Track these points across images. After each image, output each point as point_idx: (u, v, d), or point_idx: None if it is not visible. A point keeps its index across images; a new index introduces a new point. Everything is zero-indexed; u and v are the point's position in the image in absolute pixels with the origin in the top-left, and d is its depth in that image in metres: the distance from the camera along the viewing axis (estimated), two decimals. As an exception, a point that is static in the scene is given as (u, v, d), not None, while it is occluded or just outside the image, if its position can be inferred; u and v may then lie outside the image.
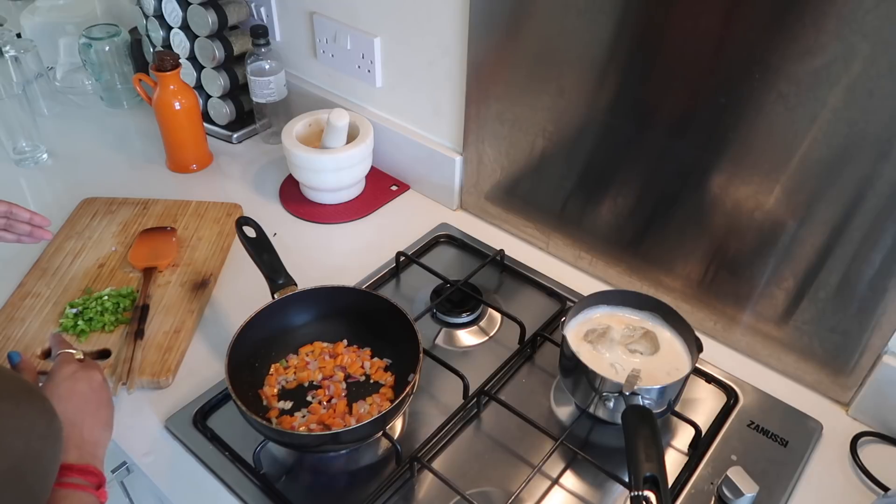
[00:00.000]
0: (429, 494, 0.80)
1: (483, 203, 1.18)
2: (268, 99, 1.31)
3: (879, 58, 0.70)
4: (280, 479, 0.81)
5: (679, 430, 0.87)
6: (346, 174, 1.19)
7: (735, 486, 0.76)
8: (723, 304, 0.95)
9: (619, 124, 0.93)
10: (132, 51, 1.45)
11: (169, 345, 0.94)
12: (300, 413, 0.84)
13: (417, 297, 1.04)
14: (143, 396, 0.89)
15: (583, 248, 1.07)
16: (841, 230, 0.80)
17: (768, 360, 0.95)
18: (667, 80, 0.86)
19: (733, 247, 0.90)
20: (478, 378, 0.90)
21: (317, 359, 0.90)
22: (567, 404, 0.90)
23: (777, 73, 0.76)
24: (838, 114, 0.75)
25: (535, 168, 1.07)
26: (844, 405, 0.91)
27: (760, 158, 0.83)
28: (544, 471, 0.82)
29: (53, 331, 0.95)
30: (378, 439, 0.84)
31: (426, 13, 1.07)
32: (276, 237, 1.11)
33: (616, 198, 0.99)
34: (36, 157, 1.33)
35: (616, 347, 0.86)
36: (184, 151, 1.30)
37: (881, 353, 0.84)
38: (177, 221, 1.16)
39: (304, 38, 1.30)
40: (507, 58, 1.00)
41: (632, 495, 0.69)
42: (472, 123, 1.11)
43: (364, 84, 1.24)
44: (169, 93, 1.23)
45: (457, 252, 1.14)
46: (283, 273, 0.92)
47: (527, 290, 1.07)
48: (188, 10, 1.28)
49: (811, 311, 0.87)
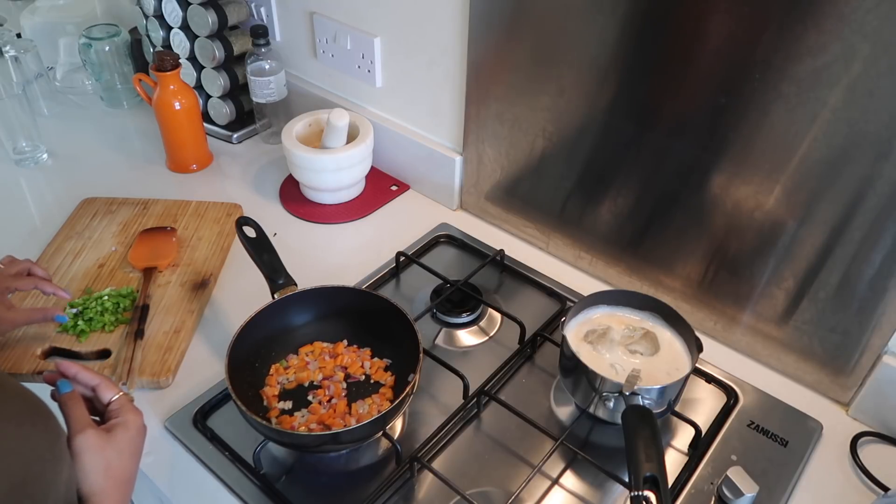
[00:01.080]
0: (429, 494, 0.80)
1: (483, 203, 1.18)
2: (268, 99, 1.31)
3: (879, 58, 0.70)
4: (280, 479, 0.81)
5: (679, 430, 0.87)
6: (346, 174, 1.19)
7: (735, 486, 0.76)
8: (723, 304, 0.95)
9: (619, 124, 0.93)
10: (132, 51, 1.45)
11: (169, 345, 0.94)
12: (300, 413, 0.84)
13: (417, 297, 1.04)
14: (143, 396, 0.89)
15: (583, 248, 1.07)
16: (841, 230, 0.80)
17: (768, 360, 0.95)
18: (667, 80, 0.86)
19: (733, 247, 0.90)
20: (478, 378, 0.90)
21: (317, 359, 0.90)
22: (567, 404, 0.90)
23: (777, 73, 0.76)
24: (838, 114, 0.75)
25: (535, 168, 1.07)
26: (844, 405, 0.91)
27: (760, 158, 0.83)
28: (544, 471, 0.82)
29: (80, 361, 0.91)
30: (378, 439, 0.84)
31: (426, 13, 1.07)
32: (276, 237, 1.11)
33: (616, 198, 0.99)
34: (36, 157, 1.33)
35: (616, 348, 0.86)
36: (184, 151, 1.30)
37: (881, 353, 0.84)
38: (177, 221, 1.16)
39: (304, 38, 1.30)
40: (507, 58, 1.00)
41: (632, 495, 0.69)
42: (471, 123, 1.11)
43: (364, 84, 1.24)
44: (169, 93, 1.23)
45: (457, 252, 1.14)
46: (283, 273, 0.92)
47: (527, 290, 1.07)
48: (188, 10, 1.28)
49: (811, 311, 0.87)
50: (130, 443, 0.68)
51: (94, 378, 0.72)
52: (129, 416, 0.70)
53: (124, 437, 0.67)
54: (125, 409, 0.70)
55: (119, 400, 0.71)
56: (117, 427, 0.68)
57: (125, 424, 0.68)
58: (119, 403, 0.71)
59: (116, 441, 0.66)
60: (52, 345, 0.93)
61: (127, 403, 0.71)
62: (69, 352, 0.93)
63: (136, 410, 0.71)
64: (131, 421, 0.69)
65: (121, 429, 0.68)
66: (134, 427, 0.69)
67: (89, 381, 0.72)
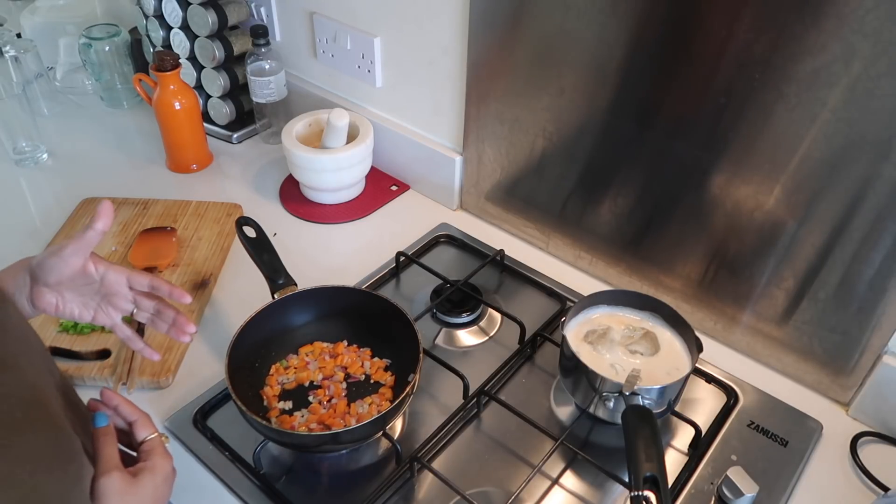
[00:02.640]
0: (429, 494, 0.80)
1: (483, 203, 1.18)
2: (268, 99, 1.31)
3: (879, 58, 0.70)
4: (280, 479, 0.81)
5: (679, 430, 0.87)
6: (346, 174, 1.19)
7: (735, 486, 0.76)
8: (723, 304, 0.95)
9: (619, 124, 0.93)
10: (132, 51, 1.45)
11: (169, 345, 0.94)
12: (300, 413, 0.84)
13: (417, 297, 1.04)
14: (143, 396, 0.89)
15: (583, 248, 1.07)
16: (841, 230, 0.80)
17: (768, 360, 0.95)
18: (667, 80, 0.86)
19: (733, 247, 0.90)
20: (478, 378, 0.90)
21: (317, 359, 0.90)
22: (567, 404, 0.90)
23: (777, 73, 0.76)
24: (838, 114, 0.75)
25: (535, 168, 1.07)
26: (844, 405, 0.91)
27: (760, 158, 0.83)
28: (544, 471, 0.82)
29: (105, 384, 0.90)
30: (378, 439, 0.84)
31: (426, 13, 1.07)
32: (276, 237, 1.11)
33: (616, 198, 0.99)
34: (36, 157, 1.33)
35: (616, 348, 0.86)
36: (184, 151, 1.30)
37: (881, 353, 0.84)
38: (177, 221, 1.16)
39: (304, 38, 1.30)
40: (507, 58, 1.00)
41: (632, 495, 0.69)
42: (472, 123, 1.11)
43: (364, 84, 1.24)
44: (169, 93, 1.23)
45: (457, 252, 1.14)
46: (283, 273, 0.92)
47: (527, 290, 1.07)
48: (188, 10, 1.28)
49: (811, 311, 0.87)
50: (155, 490, 0.66)
51: (133, 413, 0.70)
52: (158, 460, 0.68)
53: (150, 484, 0.65)
54: (156, 452, 0.68)
55: (152, 441, 0.69)
56: (144, 472, 0.66)
57: (153, 470, 0.66)
58: (151, 445, 0.69)
59: (141, 487, 0.64)
60: (53, 345, 0.93)
61: (159, 446, 0.69)
62: (69, 351, 0.93)
63: (166, 455, 0.69)
64: (159, 466, 0.67)
65: (147, 475, 0.66)
66: (161, 474, 0.67)
67: (128, 416, 0.70)
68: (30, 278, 0.73)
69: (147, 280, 0.80)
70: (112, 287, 0.78)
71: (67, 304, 0.76)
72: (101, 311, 0.78)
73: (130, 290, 0.79)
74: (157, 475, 0.66)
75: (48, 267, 0.72)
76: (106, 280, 0.77)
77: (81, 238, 0.71)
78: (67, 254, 0.72)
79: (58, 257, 0.71)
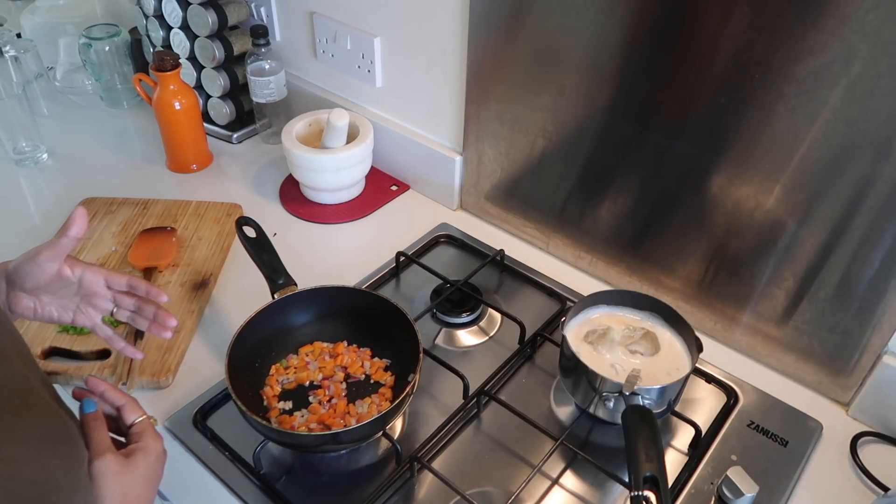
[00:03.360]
0: (429, 494, 0.80)
1: (483, 203, 1.18)
2: (268, 99, 1.31)
3: (879, 58, 0.70)
4: (280, 479, 0.81)
5: (679, 430, 0.87)
6: (346, 174, 1.19)
7: (735, 486, 0.76)
8: (723, 304, 0.95)
9: (619, 124, 0.93)
10: (132, 51, 1.45)
11: (169, 345, 0.94)
12: (300, 413, 0.84)
13: (417, 297, 1.04)
14: (143, 396, 0.89)
15: (583, 248, 1.07)
16: (841, 230, 0.80)
17: (768, 360, 0.95)
18: (667, 80, 0.86)
19: (733, 247, 0.90)
20: (478, 378, 0.90)
21: (317, 359, 0.90)
22: (567, 404, 0.90)
23: (777, 73, 0.76)
24: (838, 114, 0.75)
25: (535, 168, 1.07)
26: (844, 405, 0.91)
27: (760, 158, 0.83)
28: (544, 471, 0.82)
29: (92, 374, 0.90)
30: (378, 439, 0.84)
31: (426, 13, 1.07)
32: (276, 237, 1.11)
33: (616, 198, 0.99)
34: (36, 157, 1.33)
35: (616, 348, 0.86)
36: (184, 151, 1.30)
37: (881, 353, 0.84)
38: (177, 221, 1.16)
39: (304, 38, 1.30)
40: (507, 58, 1.00)
41: (632, 495, 0.69)
42: (471, 123, 1.11)
43: (364, 84, 1.24)
44: (169, 93, 1.23)
45: (457, 252, 1.14)
46: (283, 273, 0.92)
47: (527, 290, 1.07)
48: (188, 10, 1.28)
49: (811, 311, 0.87)
50: (149, 469, 0.67)
51: (120, 398, 0.71)
52: (149, 441, 0.69)
53: (143, 464, 0.66)
54: (146, 433, 0.69)
55: (142, 423, 0.70)
56: (137, 453, 0.67)
57: (145, 450, 0.67)
58: (141, 427, 0.70)
59: (135, 467, 0.65)
60: (52, 345, 0.93)
61: (149, 428, 0.70)
62: (69, 352, 0.93)
63: (157, 436, 0.70)
64: (151, 447, 0.68)
65: (140, 455, 0.67)
66: (153, 453, 0.68)
67: (115, 401, 0.71)
68: (6, 283, 0.74)
69: (125, 279, 0.80)
70: (90, 288, 0.78)
71: (45, 307, 0.76)
72: (81, 313, 0.79)
73: (109, 289, 0.80)
74: (150, 455, 0.68)
75: (24, 273, 0.73)
76: (84, 281, 0.78)
77: (56, 245, 0.72)
78: (42, 260, 0.72)
79: (34, 264, 0.72)
